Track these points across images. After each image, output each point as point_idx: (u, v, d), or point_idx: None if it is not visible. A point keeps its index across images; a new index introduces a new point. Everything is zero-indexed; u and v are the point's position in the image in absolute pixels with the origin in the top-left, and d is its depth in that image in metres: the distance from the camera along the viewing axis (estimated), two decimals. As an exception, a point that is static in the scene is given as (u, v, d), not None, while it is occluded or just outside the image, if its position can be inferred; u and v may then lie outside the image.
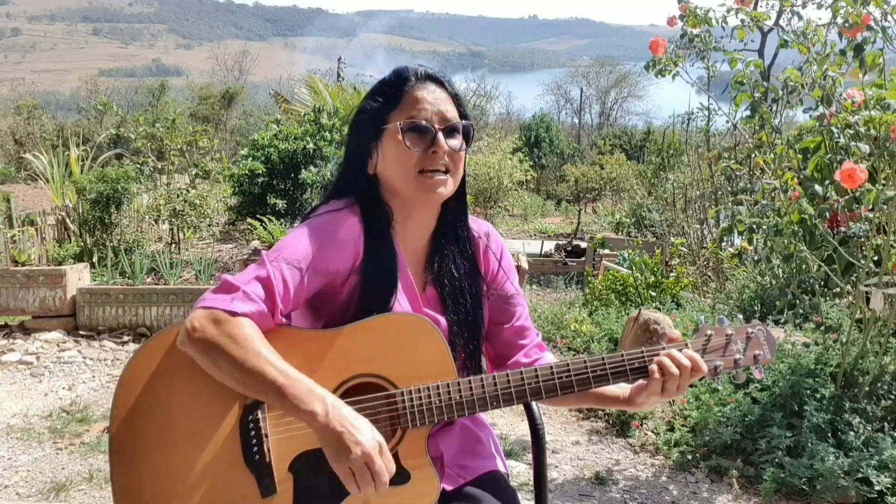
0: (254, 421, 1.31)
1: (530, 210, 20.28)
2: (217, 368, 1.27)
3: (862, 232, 3.39)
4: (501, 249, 1.61)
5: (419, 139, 1.41)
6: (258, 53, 79.86)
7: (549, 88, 50.15)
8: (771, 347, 1.46)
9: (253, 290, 1.31)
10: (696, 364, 1.38)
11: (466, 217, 1.56)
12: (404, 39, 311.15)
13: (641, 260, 6.60)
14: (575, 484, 3.28)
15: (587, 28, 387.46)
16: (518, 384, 1.38)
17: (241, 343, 1.26)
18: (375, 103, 1.47)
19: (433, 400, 1.34)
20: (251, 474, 1.31)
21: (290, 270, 1.35)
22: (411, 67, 1.48)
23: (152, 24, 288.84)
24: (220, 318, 1.28)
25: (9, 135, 21.41)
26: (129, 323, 5.64)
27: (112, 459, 1.34)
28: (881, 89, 3.43)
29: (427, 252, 1.53)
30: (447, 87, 1.47)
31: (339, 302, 1.44)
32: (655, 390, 1.38)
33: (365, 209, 1.45)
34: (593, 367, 1.38)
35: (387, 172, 1.45)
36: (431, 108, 1.43)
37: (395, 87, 1.46)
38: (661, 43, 3.70)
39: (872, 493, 2.89)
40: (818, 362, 3.48)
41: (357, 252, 1.43)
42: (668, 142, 14.90)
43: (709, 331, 1.44)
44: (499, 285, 1.59)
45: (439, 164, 1.42)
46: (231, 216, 11.23)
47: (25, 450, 3.54)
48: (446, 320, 1.49)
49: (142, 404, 1.33)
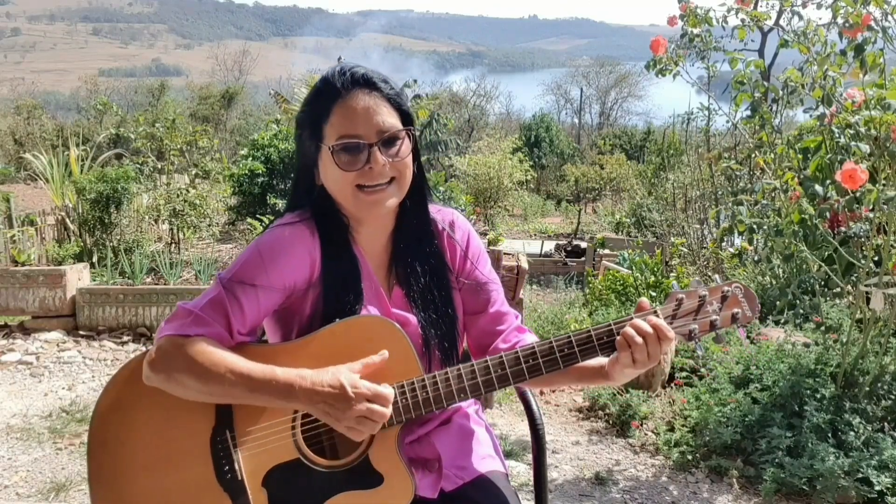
0: (223, 441, 1.33)
1: (530, 210, 20.29)
2: (185, 389, 1.29)
3: (862, 232, 3.39)
4: (467, 236, 1.56)
5: (353, 158, 1.35)
6: (258, 53, 79.79)
7: (549, 88, 50.16)
8: (751, 304, 1.39)
9: (206, 314, 1.33)
10: (661, 330, 1.32)
11: (426, 213, 1.52)
12: (404, 39, 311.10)
13: (641, 260, 6.60)
14: (575, 484, 3.28)
15: (587, 28, 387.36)
16: (484, 373, 1.35)
17: (200, 358, 1.28)
18: (308, 116, 1.42)
19: (398, 399, 1.33)
20: (225, 493, 1.32)
21: (243, 289, 1.35)
22: (339, 72, 1.39)
23: (152, 23, 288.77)
24: (178, 342, 1.30)
25: (9, 135, 21.41)
26: (129, 323, 5.64)
27: (91, 489, 1.36)
28: (881, 89, 3.43)
29: (389, 252, 1.51)
30: (382, 89, 1.39)
31: (305, 315, 1.43)
32: (626, 362, 1.33)
33: (319, 220, 1.43)
34: (560, 347, 1.35)
35: (329, 187, 1.42)
36: (364, 122, 1.35)
37: (324, 97, 1.38)
38: (662, 42, 3.70)
39: (872, 493, 2.89)
40: (818, 362, 3.48)
41: (314, 263, 1.42)
42: (668, 142, 14.89)
43: (680, 294, 1.38)
44: (467, 273, 1.54)
45: (378, 179, 1.37)
46: (231, 216, 11.24)
47: (25, 450, 3.54)
48: (416, 319, 1.47)
49: (114, 435, 1.36)
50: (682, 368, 4.23)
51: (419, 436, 1.51)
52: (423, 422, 1.51)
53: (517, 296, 5.49)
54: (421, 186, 1.49)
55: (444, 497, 1.45)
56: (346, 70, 1.39)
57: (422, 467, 1.47)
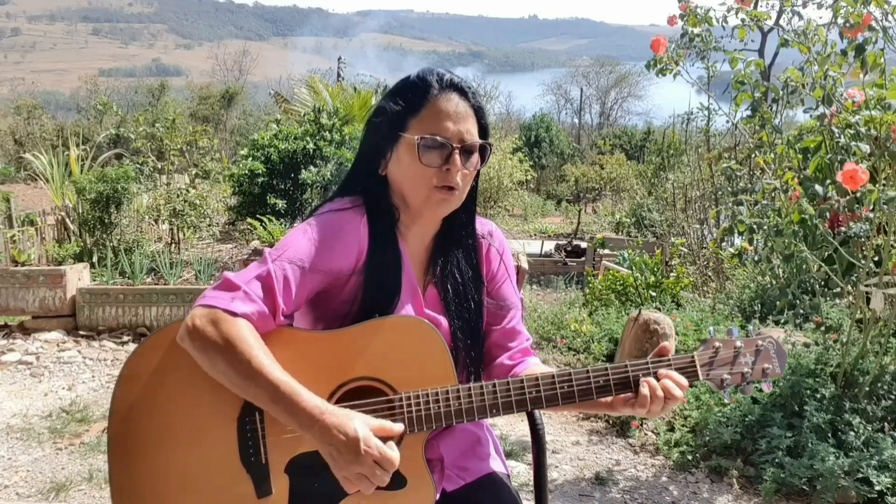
0: (251, 422, 1.31)
1: (530, 210, 20.27)
2: (213, 368, 1.28)
3: (862, 232, 3.39)
4: (504, 249, 1.60)
5: (436, 156, 1.39)
6: (258, 53, 79.84)
7: (549, 88, 50.18)
8: (781, 361, 1.44)
9: (254, 290, 1.31)
10: (679, 394, 1.36)
11: (473, 226, 1.55)
12: (404, 39, 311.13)
13: (641, 260, 6.59)
14: (575, 484, 3.28)
15: (587, 28, 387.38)
16: (518, 393, 1.36)
17: (238, 346, 1.25)
18: (396, 106, 1.43)
19: (432, 406, 1.33)
20: (248, 475, 1.31)
21: (293, 269, 1.34)
22: (437, 72, 1.44)
23: (152, 23, 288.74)
24: (220, 318, 1.27)
25: (9, 135, 21.40)
26: (129, 323, 5.64)
27: (110, 458, 1.33)
28: (881, 89, 3.42)
29: (430, 253, 1.52)
30: (470, 99, 1.43)
31: (341, 301, 1.43)
32: (642, 407, 1.36)
33: (371, 209, 1.44)
34: (596, 378, 1.37)
35: (398, 178, 1.44)
36: (453, 126, 1.39)
37: (417, 92, 1.42)
38: (663, 42, 3.69)
39: (872, 493, 2.89)
40: (818, 362, 3.48)
41: (361, 252, 1.42)
42: (668, 142, 14.89)
43: (717, 343, 1.42)
44: (497, 285, 1.57)
45: (451, 181, 1.40)
46: (231, 216, 11.23)
47: (25, 450, 3.54)
48: (448, 322, 1.48)
49: (140, 402, 1.33)
50: (682, 368, 4.22)
51: (420, 436, 1.51)
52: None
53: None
54: (474, 198, 1.52)
55: (445, 497, 1.45)
56: (443, 73, 1.43)
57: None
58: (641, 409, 1.35)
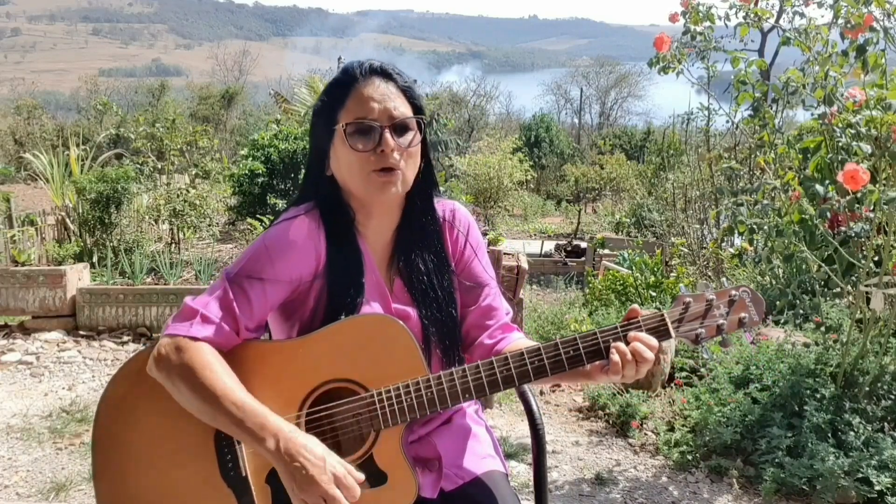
0: (227, 437, 1.32)
1: (530, 210, 20.28)
2: (180, 396, 1.30)
3: (862, 232, 3.39)
4: (468, 226, 1.56)
5: (365, 139, 1.38)
6: (258, 53, 79.91)
7: (549, 88, 50.13)
8: (758, 309, 1.39)
9: (212, 311, 1.33)
10: (653, 349, 1.33)
11: (433, 211, 1.52)
12: (404, 39, 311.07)
13: (641, 260, 6.60)
14: (575, 485, 3.28)
15: (587, 28, 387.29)
16: (489, 374, 1.35)
17: (200, 372, 1.27)
18: (324, 104, 1.45)
19: (404, 399, 1.33)
20: (230, 490, 1.32)
21: (251, 283, 1.36)
22: (357, 63, 1.44)
23: (152, 23, 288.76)
24: (182, 345, 1.30)
25: (9, 135, 21.40)
26: (129, 323, 5.64)
27: (95, 482, 1.36)
28: (882, 89, 3.42)
29: (392, 247, 1.51)
30: (397, 81, 1.42)
31: (309, 308, 1.44)
32: (615, 374, 1.33)
33: (325, 212, 1.44)
34: (566, 349, 1.35)
35: (341, 173, 1.43)
36: (378, 106, 1.38)
37: (341, 85, 1.42)
38: (666, 40, 3.67)
39: (872, 493, 2.88)
40: (818, 362, 3.47)
41: (319, 256, 1.42)
42: (668, 142, 14.89)
43: (687, 298, 1.38)
44: (465, 265, 1.55)
45: (388, 162, 1.38)
46: (231, 216, 11.23)
47: (25, 450, 3.54)
48: (417, 313, 1.47)
49: (120, 427, 1.36)
50: (682, 368, 4.23)
51: (420, 436, 1.51)
52: (424, 422, 1.51)
53: (517, 296, 5.50)
54: (428, 182, 1.50)
55: (444, 497, 1.45)
56: (364, 61, 1.43)
57: (422, 467, 1.47)
58: (616, 375, 1.33)
